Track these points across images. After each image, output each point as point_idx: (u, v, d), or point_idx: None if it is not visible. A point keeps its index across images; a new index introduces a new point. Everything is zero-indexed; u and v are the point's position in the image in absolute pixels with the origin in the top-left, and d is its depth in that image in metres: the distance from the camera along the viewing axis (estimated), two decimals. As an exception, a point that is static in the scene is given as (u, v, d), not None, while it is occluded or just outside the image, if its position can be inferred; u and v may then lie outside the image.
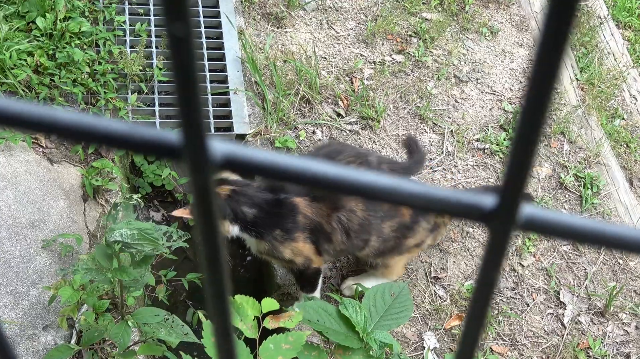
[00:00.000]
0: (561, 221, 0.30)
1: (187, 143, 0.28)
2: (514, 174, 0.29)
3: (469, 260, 3.40)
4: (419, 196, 0.31)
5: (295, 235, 2.72)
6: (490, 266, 0.32)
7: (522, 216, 0.30)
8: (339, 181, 0.30)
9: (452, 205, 0.31)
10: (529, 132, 0.27)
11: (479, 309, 0.35)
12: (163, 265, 3.42)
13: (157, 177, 3.62)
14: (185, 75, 0.26)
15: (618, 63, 4.49)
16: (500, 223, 0.30)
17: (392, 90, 3.88)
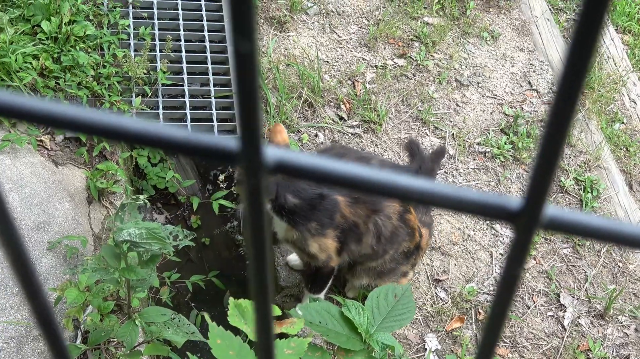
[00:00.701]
0: (581, 221, 0.33)
1: (244, 149, 0.31)
2: (539, 177, 0.32)
3: (470, 262, 3.42)
4: (451, 198, 0.34)
5: (327, 231, 2.77)
6: (515, 264, 0.35)
7: (545, 216, 0.33)
8: (380, 184, 0.33)
9: (481, 207, 0.34)
10: (554, 136, 0.30)
11: (502, 306, 0.38)
12: (167, 267, 3.45)
13: (160, 180, 3.65)
14: (248, 88, 0.29)
15: (617, 67, 4.53)
16: (526, 223, 0.33)
17: (394, 94, 3.91)
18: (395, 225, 2.86)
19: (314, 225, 2.76)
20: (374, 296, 2.43)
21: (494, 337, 0.40)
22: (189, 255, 3.66)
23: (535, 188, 0.33)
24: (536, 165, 0.32)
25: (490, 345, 0.40)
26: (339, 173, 0.32)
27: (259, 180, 0.32)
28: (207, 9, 4.00)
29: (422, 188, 0.34)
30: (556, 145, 0.30)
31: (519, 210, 0.34)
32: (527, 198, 0.33)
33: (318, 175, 0.32)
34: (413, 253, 3.01)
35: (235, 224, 3.82)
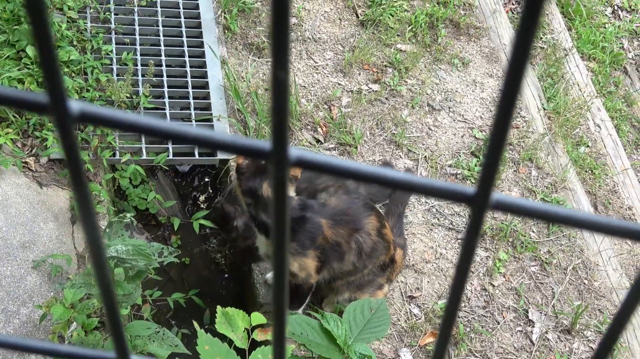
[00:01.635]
0: (521, 203, 0.46)
1: (275, 148, 0.43)
2: (487, 169, 0.44)
3: (442, 280, 3.55)
4: (425, 185, 0.46)
5: (308, 252, 2.91)
6: (472, 237, 0.47)
7: (493, 199, 0.46)
8: (372, 175, 0.45)
9: (446, 192, 0.46)
10: (497, 136, 0.43)
11: (462, 273, 0.50)
12: (149, 285, 3.53)
13: (141, 201, 3.74)
14: (281, 105, 0.41)
15: (583, 93, 4.71)
16: (479, 204, 0.45)
17: (368, 117, 4.05)
18: (375, 240, 2.99)
19: (294, 246, 2.88)
20: (350, 309, 2.54)
21: (455, 303, 0.52)
22: (170, 274, 3.75)
23: (485, 178, 0.45)
24: (485, 160, 0.44)
25: (452, 311, 0.52)
26: (338, 166, 0.44)
27: (285, 172, 0.44)
28: (187, 35, 4.12)
29: (404, 178, 0.46)
30: (499, 144, 0.42)
31: (473, 195, 0.46)
32: (478, 185, 0.46)
33: (324, 167, 0.44)
34: (388, 265, 3.14)
35: (215, 243, 3.92)
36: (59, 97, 0.42)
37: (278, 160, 0.44)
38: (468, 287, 3.57)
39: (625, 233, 0.47)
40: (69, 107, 0.43)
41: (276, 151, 0.44)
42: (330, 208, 2.96)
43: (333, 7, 4.51)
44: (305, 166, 0.45)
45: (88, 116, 0.43)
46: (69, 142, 0.44)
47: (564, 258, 3.78)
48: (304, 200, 2.90)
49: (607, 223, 0.47)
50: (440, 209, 3.79)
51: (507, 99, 0.41)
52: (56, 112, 0.42)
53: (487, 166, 0.45)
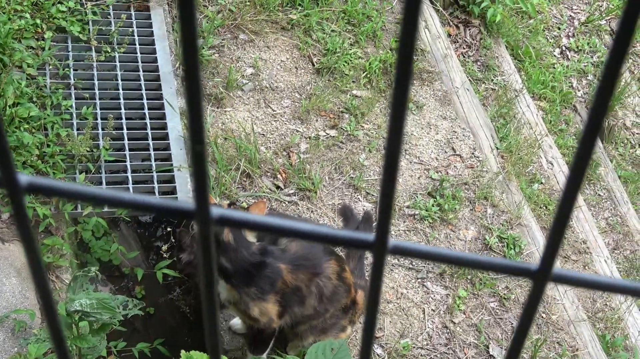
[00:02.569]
0: (415, 248, 0.53)
1: (197, 209, 0.50)
2: (383, 215, 0.52)
3: (404, 319, 3.61)
4: (325, 235, 0.53)
5: (268, 297, 2.95)
6: (376, 280, 0.54)
7: (390, 245, 0.53)
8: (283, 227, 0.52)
9: (349, 240, 0.53)
10: (388, 181, 0.50)
11: (371, 313, 0.57)
12: (113, 336, 3.54)
13: (104, 252, 3.76)
14: (200, 173, 0.48)
15: (534, 132, 4.87)
16: (378, 250, 0.53)
17: (327, 162, 4.14)
18: (335, 284, 3.05)
19: (254, 291, 2.93)
20: (312, 351, 2.59)
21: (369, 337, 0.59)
22: (135, 325, 3.76)
23: (381, 224, 0.52)
24: (380, 205, 0.52)
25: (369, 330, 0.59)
26: (260, 222, 0.52)
27: (208, 230, 0.51)
28: (146, 88, 4.20)
29: (314, 230, 0.53)
30: (390, 188, 0.50)
31: (372, 241, 0.53)
32: (376, 232, 0.53)
33: (248, 224, 0.51)
34: (350, 307, 3.19)
35: (179, 291, 3.95)
36: (8, 171, 0.49)
37: (201, 219, 0.51)
38: (429, 325, 3.64)
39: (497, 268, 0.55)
40: (18, 180, 0.49)
41: (199, 211, 0.51)
42: (290, 254, 3.01)
43: (289, 56, 4.63)
44: (227, 224, 0.52)
45: (36, 187, 0.50)
46: (20, 211, 0.51)
47: (521, 292, 3.87)
48: (265, 246, 2.96)
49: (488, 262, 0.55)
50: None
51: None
52: (7, 185, 0.49)
53: (382, 212, 0.52)
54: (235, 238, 2.86)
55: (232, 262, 2.86)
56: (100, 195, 0.51)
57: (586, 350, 3.77)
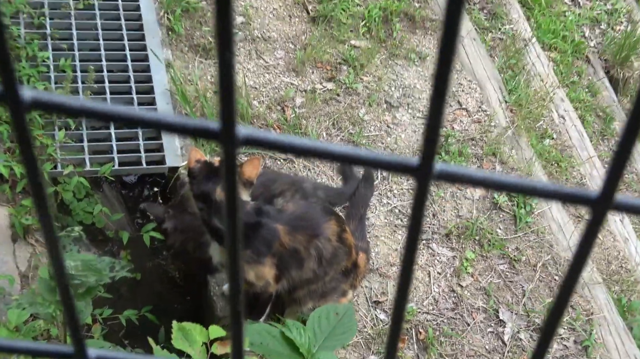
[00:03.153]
0: (463, 172, 0.51)
1: (223, 127, 0.48)
2: (429, 139, 0.49)
3: (409, 283, 3.61)
4: (369, 158, 0.51)
5: (265, 259, 2.95)
6: (418, 209, 0.52)
7: (436, 169, 0.50)
8: (317, 149, 0.50)
9: (390, 164, 0.51)
10: (437, 107, 0.48)
11: (411, 249, 0.55)
12: (98, 303, 3.52)
13: (87, 215, 3.74)
14: (228, 83, 0.46)
15: (545, 84, 4.83)
16: (422, 174, 0.50)
17: (324, 117, 4.10)
18: (335, 246, 3.04)
19: (249, 253, 2.92)
20: (315, 316, 2.58)
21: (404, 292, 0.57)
22: (120, 291, 3.76)
23: (427, 148, 0.50)
24: (426, 130, 0.49)
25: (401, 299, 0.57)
26: (287, 143, 0.49)
27: (234, 152, 0.49)
28: (129, 38, 4.14)
29: (349, 152, 0.50)
30: (439, 113, 0.47)
31: (417, 165, 0.51)
32: (421, 156, 0.50)
33: (273, 145, 0.49)
34: (351, 271, 3.19)
35: (167, 256, 3.94)
36: (11, 85, 0.46)
37: (227, 139, 0.48)
38: (435, 289, 3.64)
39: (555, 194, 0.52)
40: (22, 95, 0.46)
41: (225, 130, 0.48)
42: (287, 214, 3.00)
43: (282, 4, 4.56)
44: (254, 144, 0.49)
45: (40, 103, 0.47)
46: (22, 128, 0.48)
47: (532, 254, 3.88)
48: (260, 206, 2.94)
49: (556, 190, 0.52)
50: (403, 209, 3.85)
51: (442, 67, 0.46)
52: (9, 100, 0.46)
53: (428, 136, 0.50)
54: None
55: None
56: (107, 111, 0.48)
57: (601, 314, 3.78)
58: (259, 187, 3.30)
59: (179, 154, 3.78)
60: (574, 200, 0.52)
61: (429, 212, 3.87)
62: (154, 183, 4.17)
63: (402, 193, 3.90)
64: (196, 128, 0.48)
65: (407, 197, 3.90)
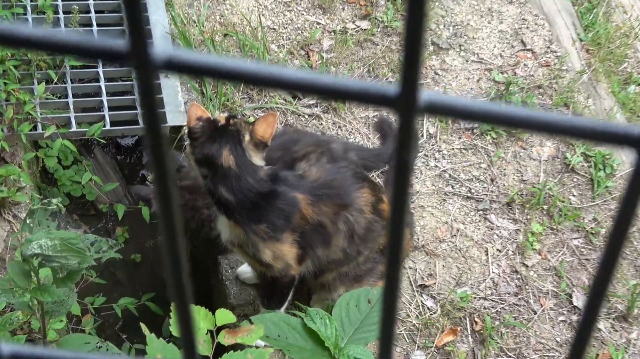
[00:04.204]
0: (456, 101, 0.46)
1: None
2: (410, 59, 0.44)
3: (462, 262, 3.57)
4: (333, 87, 0.46)
5: (283, 236, 2.92)
6: (404, 148, 0.47)
7: (422, 99, 0.46)
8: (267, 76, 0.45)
9: (361, 94, 0.46)
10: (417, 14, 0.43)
11: (400, 196, 0.50)
12: (89, 291, 3.54)
13: (75, 185, 3.75)
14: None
15: (629, 17, 4.71)
16: (404, 106, 0.46)
17: (357, 63, 4.05)
18: (369, 218, 3.00)
19: (264, 228, 2.89)
20: (343, 303, 2.54)
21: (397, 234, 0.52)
22: (116, 276, 3.77)
23: (408, 73, 0.45)
24: (406, 48, 0.45)
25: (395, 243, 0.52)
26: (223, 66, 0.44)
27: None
28: (121, -28, 4.10)
29: (306, 79, 0.46)
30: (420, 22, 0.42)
31: (397, 95, 0.46)
32: (402, 83, 0.46)
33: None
34: None
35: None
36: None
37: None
38: (494, 270, 3.60)
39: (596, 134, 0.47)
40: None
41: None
42: (310, 181, 2.96)
43: None
44: (176, 69, 0.45)
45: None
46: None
47: (614, 226, 3.80)
48: (276, 171, 2.91)
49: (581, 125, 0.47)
50: (454, 174, 3.80)
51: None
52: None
53: (410, 52, 0.45)
54: (237, 161, 2.81)
55: (235, 192, 2.82)
56: None
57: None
58: (277, 149, 3.27)
59: (182, 110, 3.76)
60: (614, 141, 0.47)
61: (485, 176, 3.81)
62: None
63: (453, 154, 3.85)
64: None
65: (458, 159, 3.84)
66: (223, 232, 3.01)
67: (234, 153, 2.81)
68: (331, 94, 0.46)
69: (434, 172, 3.81)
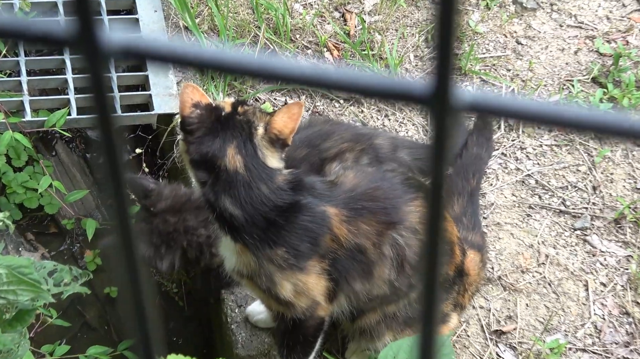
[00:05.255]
0: (501, 100, 0.47)
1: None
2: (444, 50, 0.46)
3: (552, 300, 3.56)
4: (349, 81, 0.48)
5: (308, 264, 2.90)
6: (438, 158, 0.49)
7: (459, 96, 0.47)
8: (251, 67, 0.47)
9: (385, 90, 0.48)
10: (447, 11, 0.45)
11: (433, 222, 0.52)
12: (48, 336, 3.57)
13: (30, 194, 3.77)
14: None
15: None
16: (438, 104, 0.47)
17: (410, 29, 4.07)
18: None
19: (282, 254, 2.87)
20: (389, 355, 2.56)
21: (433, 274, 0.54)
22: (85, 316, 3.79)
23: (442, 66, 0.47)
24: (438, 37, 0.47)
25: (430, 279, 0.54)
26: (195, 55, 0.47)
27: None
28: None
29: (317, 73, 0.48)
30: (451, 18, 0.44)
31: (429, 91, 0.48)
32: (436, 78, 0.48)
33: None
34: (455, 281, 3.14)
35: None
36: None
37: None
38: (597, 311, 3.59)
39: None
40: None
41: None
42: (345, 189, 2.95)
43: None
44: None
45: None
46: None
47: None
48: (299, 175, 2.91)
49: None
50: (542, 180, 3.80)
51: None
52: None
53: (444, 40, 0.47)
54: (247, 163, 2.81)
55: (243, 205, 2.81)
56: None
57: None
58: (301, 146, 3.28)
59: (174, 93, 3.78)
60: None
61: (585, 183, 3.81)
62: (137, 140, 4.17)
63: (541, 153, 3.85)
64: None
65: (548, 159, 3.84)
66: (227, 259, 3.00)
67: (242, 152, 2.79)
68: (347, 89, 0.48)
69: (514, 177, 3.81)
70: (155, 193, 3.37)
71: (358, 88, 0.47)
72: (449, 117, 0.49)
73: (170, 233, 3.36)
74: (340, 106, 3.85)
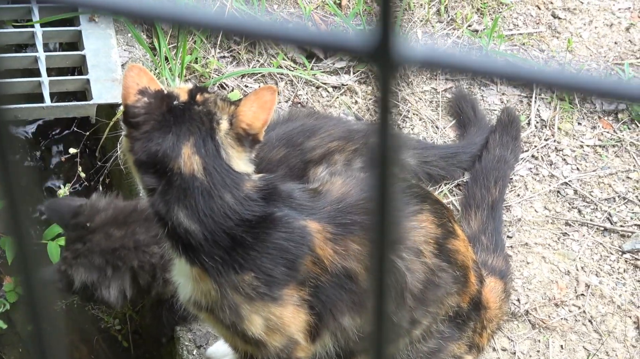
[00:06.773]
0: (446, 54, 0.61)
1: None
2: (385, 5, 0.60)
3: (594, 341, 3.58)
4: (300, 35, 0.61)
5: (284, 293, 2.95)
6: (382, 119, 0.62)
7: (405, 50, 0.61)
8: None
9: (330, 43, 0.61)
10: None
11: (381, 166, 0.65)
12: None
13: None
14: None
15: None
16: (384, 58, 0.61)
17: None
18: (431, 265, 3.05)
19: (250, 280, 2.92)
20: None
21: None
22: (2, 357, 3.86)
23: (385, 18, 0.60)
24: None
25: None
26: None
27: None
28: None
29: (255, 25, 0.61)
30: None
31: (374, 45, 0.61)
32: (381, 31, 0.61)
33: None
34: (470, 315, 3.19)
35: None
36: None
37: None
38: (628, 333, 3.64)
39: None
40: None
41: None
42: (330, 200, 2.99)
43: None
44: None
45: None
46: None
47: None
48: (272, 183, 2.96)
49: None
50: (583, 189, 3.84)
51: None
52: None
53: None
54: (207, 165, 2.84)
55: (202, 218, 2.85)
56: None
57: None
58: (279, 145, 3.32)
59: (118, 78, 3.81)
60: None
61: (635, 194, 3.85)
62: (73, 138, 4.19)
63: (582, 155, 3.90)
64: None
65: (591, 164, 3.88)
66: (182, 287, 3.03)
67: (201, 151, 2.81)
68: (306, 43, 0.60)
69: (548, 185, 3.87)
70: (88, 207, 3.39)
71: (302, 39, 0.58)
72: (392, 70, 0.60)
73: (116, 250, 3.37)
74: (329, 95, 3.89)
